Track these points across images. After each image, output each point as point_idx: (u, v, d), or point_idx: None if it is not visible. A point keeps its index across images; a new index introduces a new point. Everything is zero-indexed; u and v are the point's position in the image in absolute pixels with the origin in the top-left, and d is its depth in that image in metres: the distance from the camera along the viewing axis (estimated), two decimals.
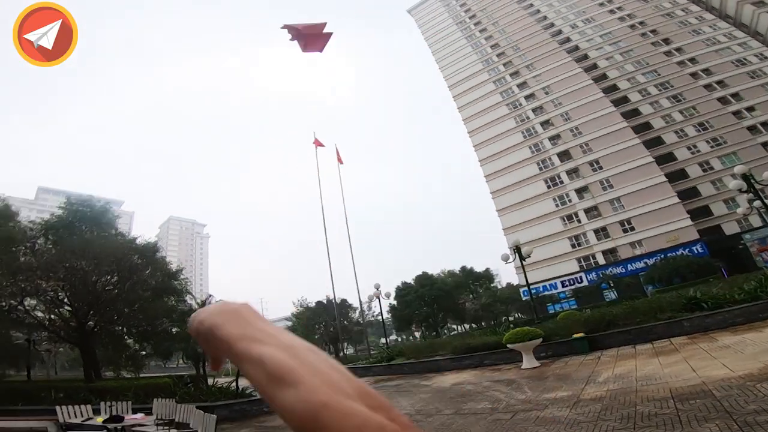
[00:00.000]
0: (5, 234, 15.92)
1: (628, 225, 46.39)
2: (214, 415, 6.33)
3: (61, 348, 22.84)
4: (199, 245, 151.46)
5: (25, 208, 60.72)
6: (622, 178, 47.19)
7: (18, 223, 17.70)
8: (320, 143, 40.11)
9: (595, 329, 14.32)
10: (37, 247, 16.95)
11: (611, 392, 7.28)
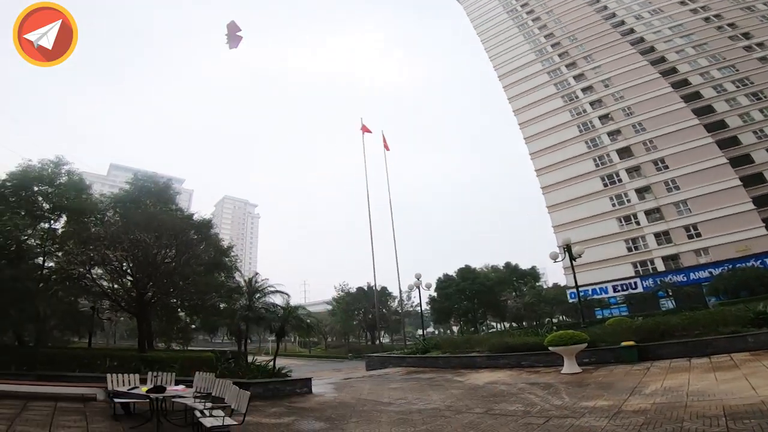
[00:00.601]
0: (78, 205, 17.50)
1: (694, 230, 42.86)
2: (248, 392, 6.56)
3: (121, 317, 24.68)
4: (249, 225, 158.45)
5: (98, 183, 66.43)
6: (691, 179, 43.48)
7: (90, 196, 19.35)
8: (367, 129, 40.29)
9: (647, 338, 13.46)
10: (106, 218, 18.44)
11: (657, 405, 6.84)
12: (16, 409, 7.87)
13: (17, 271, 12.83)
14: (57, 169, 17.95)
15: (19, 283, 11.74)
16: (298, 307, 15.32)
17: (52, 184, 17.56)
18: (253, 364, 13.18)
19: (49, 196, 17.41)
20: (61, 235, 17.39)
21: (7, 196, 16.34)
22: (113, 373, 8.90)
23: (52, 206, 17.56)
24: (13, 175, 17.11)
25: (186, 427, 7.03)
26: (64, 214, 17.86)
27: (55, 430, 6.53)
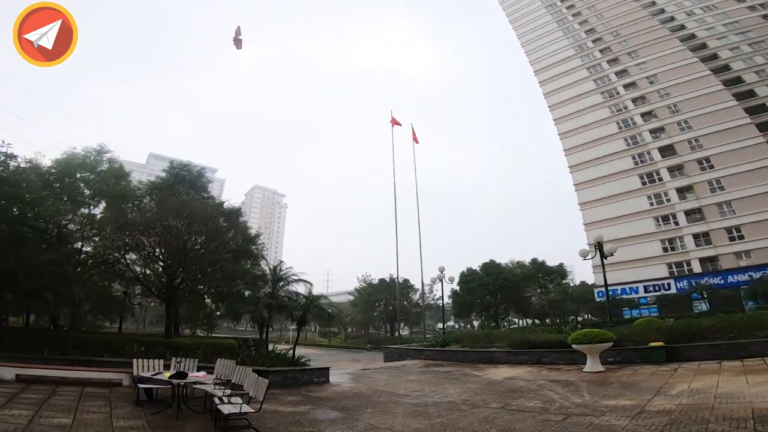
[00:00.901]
0: (118, 192, 18.26)
1: (736, 232, 40.98)
2: (266, 380, 6.67)
3: (151, 303, 25.52)
4: (277, 214, 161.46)
5: (137, 172, 69.25)
6: (737, 180, 41.34)
7: (129, 183, 20.17)
8: (397, 122, 40.21)
9: (677, 339, 12.97)
10: (143, 205, 19.16)
11: (683, 407, 6.61)
12: (45, 394, 8.26)
13: (57, 255, 13.45)
14: (99, 156, 18.77)
15: (57, 267, 12.27)
16: (320, 296, 15.47)
17: (94, 171, 18.38)
18: (273, 352, 13.37)
19: (90, 182, 18.22)
20: (100, 220, 18.20)
21: (52, 182, 17.20)
22: (139, 359, 9.13)
23: (92, 192, 18.39)
24: (58, 163, 18.00)
25: (205, 414, 7.24)
26: (104, 200, 18.67)
27: (80, 415, 6.81)
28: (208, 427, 6.59)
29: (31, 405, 7.18)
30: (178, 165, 23.13)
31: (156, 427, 6.40)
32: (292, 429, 6.67)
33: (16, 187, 12.49)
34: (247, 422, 6.59)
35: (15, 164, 13.00)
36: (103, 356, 11.61)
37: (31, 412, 6.62)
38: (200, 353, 12.18)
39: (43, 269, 11.85)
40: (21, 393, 8.16)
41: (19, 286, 11.55)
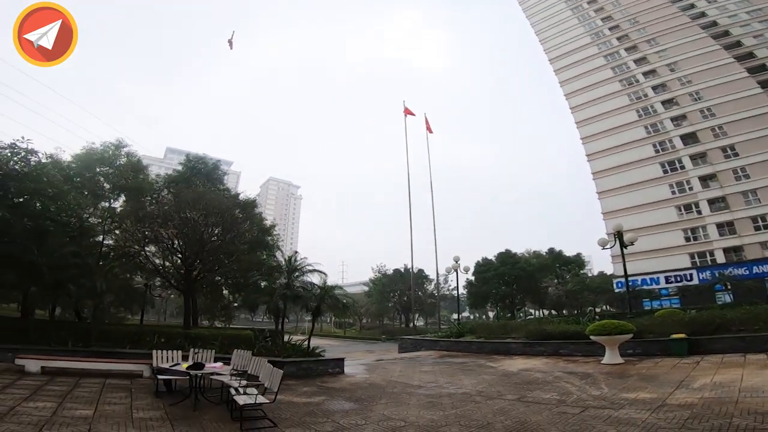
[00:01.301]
0: (136, 185, 18.63)
1: (762, 222, 39.81)
2: (280, 371, 6.71)
3: (172, 295, 26.02)
4: (292, 205, 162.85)
5: (155, 166, 70.74)
6: (763, 168, 40.08)
7: (147, 176, 20.54)
8: (410, 112, 39.93)
9: (700, 332, 12.60)
10: (161, 198, 19.50)
11: (705, 400, 6.42)
12: (69, 386, 8.49)
13: (78, 247, 13.78)
14: (117, 151, 19.16)
15: (79, 259, 12.58)
16: (334, 286, 15.52)
17: (113, 165, 18.79)
18: (288, 342, 13.41)
19: (109, 176, 18.65)
20: (120, 213, 18.61)
21: (72, 176, 17.63)
22: (158, 350, 9.31)
23: (112, 186, 18.82)
24: (78, 158, 18.42)
25: (222, 404, 7.36)
26: (123, 193, 19.08)
27: (101, 406, 6.97)
28: (225, 417, 6.68)
29: (55, 397, 7.39)
30: (194, 158, 23.48)
31: (174, 418, 6.51)
32: (306, 419, 6.71)
33: (38, 182, 12.79)
34: (262, 413, 6.66)
35: (35, 159, 13.29)
36: (124, 348, 11.90)
37: (54, 404, 6.81)
38: (218, 344, 12.38)
39: (65, 262, 12.15)
40: (46, 385, 8.41)
41: (43, 278, 11.88)
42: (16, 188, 12.39)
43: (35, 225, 12.50)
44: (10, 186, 12.11)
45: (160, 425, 6.13)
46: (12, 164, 12.59)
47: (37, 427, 5.47)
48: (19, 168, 12.65)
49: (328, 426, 6.30)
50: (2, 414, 5.96)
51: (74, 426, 5.71)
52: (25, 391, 7.62)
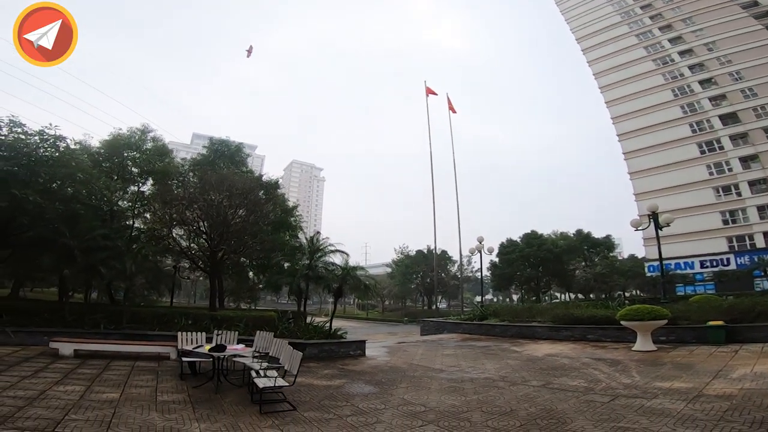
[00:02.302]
0: (163, 169, 19.02)
1: None
2: (299, 353, 6.69)
3: (200, 277, 26.66)
4: (315, 187, 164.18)
5: (183, 151, 72.48)
6: None
7: (172, 160, 20.93)
8: (432, 91, 39.11)
9: (739, 319, 11.95)
10: (186, 181, 19.86)
11: (745, 391, 6.04)
12: (99, 369, 8.75)
13: (109, 230, 14.15)
14: (143, 136, 19.57)
15: (109, 242, 12.90)
16: (356, 267, 15.32)
17: (139, 150, 19.23)
18: (310, 324, 13.50)
19: (137, 161, 19.09)
20: (148, 197, 19.08)
21: (101, 162, 18.15)
22: (184, 332, 9.44)
23: (139, 170, 19.30)
24: (106, 143, 18.89)
25: (244, 386, 7.41)
26: (150, 177, 19.54)
27: (128, 390, 7.13)
28: (245, 400, 6.73)
29: (85, 380, 7.61)
30: (217, 141, 23.78)
31: (196, 401, 6.61)
32: (325, 403, 6.69)
33: (68, 167, 13.12)
34: (282, 396, 6.69)
35: (64, 145, 13.60)
36: (154, 329, 12.20)
37: (83, 388, 7.00)
38: (242, 325, 12.58)
39: (96, 245, 12.49)
40: (77, 368, 8.70)
41: (75, 261, 12.26)
42: (47, 173, 12.74)
43: (66, 209, 12.86)
44: (40, 171, 12.44)
45: (182, 408, 6.21)
46: (42, 150, 12.92)
47: (63, 411, 5.59)
48: (49, 154, 12.97)
49: (346, 410, 6.26)
50: (32, 398, 6.14)
51: (99, 410, 5.83)
52: (58, 375, 7.89)
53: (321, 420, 5.73)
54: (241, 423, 5.58)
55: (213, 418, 5.77)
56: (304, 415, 5.99)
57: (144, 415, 5.74)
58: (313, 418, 5.80)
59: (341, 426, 5.45)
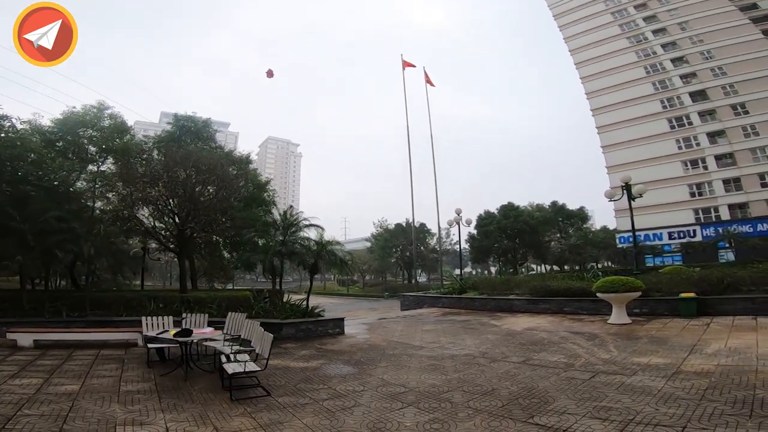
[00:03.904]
0: (123, 146, 18.00)
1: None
2: (270, 335, 6.33)
3: (174, 258, 25.73)
4: (292, 163, 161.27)
5: (151, 131, 69.40)
6: None
7: (133, 137, 19.77)
8: (410, 64, 38.15)
9: (708, 291, 12.23)
10: (151, 158, 18.87)
11: (722, 368, 6.06)
12: (60, 359, 8.21)
13: (65, 212, 13.21)
14: (100, 113, 18.49)
15: (64, 224, 11.99)
16: (332, 241, 14.86)
17: (96, 128, 18.10)
18: (287, 303, 13.05)
19: (94, 139, 18.01)
20: (109, 176, 18.06)
21: (54, 141, 17.05)
22: (148, 317, 8.89)
23: (98, 149, 18.22)
24: (58, 122, 17.77)
25: (215, 372, 7.04)
26: (110, 155, 18.48)
27: (89, 381, 6.68)
28: (216, 386, 6.38)
29: (43, 372, 7.13)
30: (182, 117, 22.67)
31: (163, 390, 6.22)
32: (301, 386, 6.42)
33: (14, 148, 12.05)
34: (256, 380, 6.37)
35: (9, 125, 12.46)
36: (121, 315, 11.56)
37: (41, 381, 6.54)
38: (215, 307, 12.04)
39: (50, 227, 11.60)
40: (36, 360, 8.15)
41: (29, 246, 11.38)
42: None
43: (15, 191, 11.88)
44: None
45: (147, 398, 5.82)
46: None
47: (17, 407, 5.17)
48: None
49: (323, 393, 6.00)
50: None
51: (56, 403, 5.44)
52: (14, 368, 7.35)
53: (296, 405, 5.46)
54: (210, 412, 5.25)
55: (180, 408, 5.41)
56: (279, 400, 5.70)
57: (104, 408, 5.35)
58: (288, 404, 5.52)
59: (317, 411, 5.20)
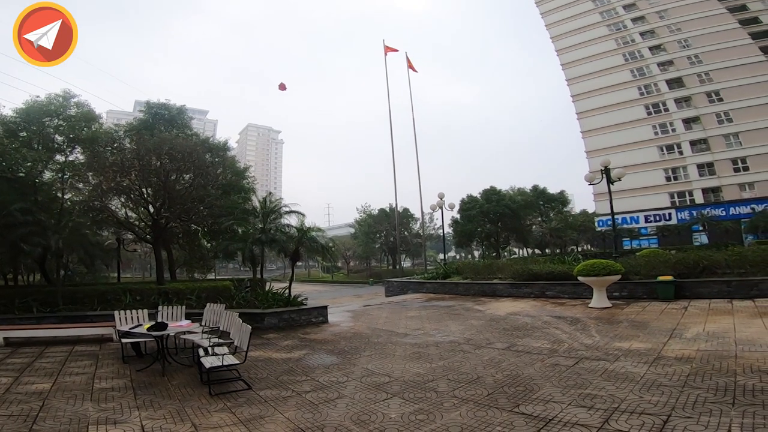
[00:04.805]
0: (91, 135, 17.21)
1: (741, 164, 41.71)
2: (249, 326, 6.00)
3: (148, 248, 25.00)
4: (274, 150, 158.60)
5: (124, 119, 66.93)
6: (746, 113, 41.47)
7: (101, 126, 18.95)
8: (392, 48, 37.64)
9: (685, 274, 12.49)
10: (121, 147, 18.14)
11: (702, 353, 6.13)
12: (32, 357, 7.88)
13: (31, 204, 12.56)
14: (65, 102, 17.66)
15: (30, 216, 11.38)
16: (313, 228, 14.54)
17: (61, 117, 17.30)
18: (269, 292, 12.78)
19: (60, 128, 17.20)
20: (78, 166, 17.32)
21: (17, 131, 16.24)
22: (121, 311, 8.54)
23: (65, 138, 17.42)
24: (21, 112, 16.83)
25: (194, 366, 6.81)
26: (78, 145, 17.73)
27: (62, 378, 6.41)
28: (195, 381, 6.18)
29: (13, 371, 6.84)
30: (155, 104, 21.87)
31: (139, 386, 5.99)
32: (284, 378, 6.27)
33: None
34: (236, 373, 6.19)
35: None
36: (95, 309, 11.14)
37: (10, 380, 6.26)
38: (194, 298, 11.72)
39: (15, 220, 10.98)
40: (6, 358, 7.81)
41: None
42: None
43: None
44: None
45: (122, 395, 5.59)
46: None
47: None
48: None
49: (306, 385, 5.86)
50: None
51: (26, 403, 5.20)
52: None
53: (278, 399, 5.31)
54: (188, 408, 5.05)
55: (156, 405, 5.21)
56: (260, 394, 5.55)
57: (76, 407, 5.13)
58: (270, 397, 5.37)
59: (300, 404, 5.06)
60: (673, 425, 3.74)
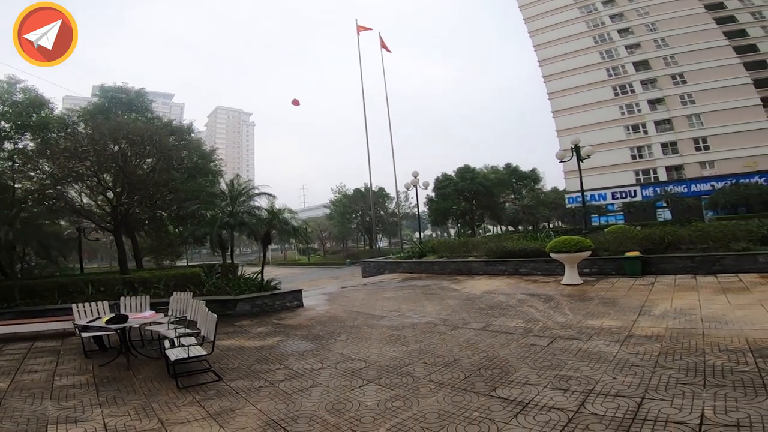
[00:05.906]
0: (40, 121, 16.06)
1: (702, 143, 43.82)
2: (215, 315, 5.79)
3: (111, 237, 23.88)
4: (245, 133, 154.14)
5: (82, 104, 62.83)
6: (708, 95, 43.50)
7: (51, 111, 17.68)
8: (365, 28, 36.63)
9: (651, 249, 12.90)
10: (76, 132, 16.99)
11: (671, 331, 6.29)
12: None
13: None
14: (10, 87, 16.32)
15: None
16: (283, 209, 14.10)
17: (6, 103, 16.02)
18: (241, 277, 12.41)
19: (7, 115, 15.96)
20: (28, 153, 16.18)
21: None
22: (78, 304, 8.04)
23: (12, 125, 16.20)
24: None
25: (160, 359, 6.47)
26: (28, 131, 16.54)
27: (20, 376, 6.03)
28: (162, 374, 5.89)
29: None
30: (111, 88, 20.54)
31: (102, 382, 5.67)
32: (256, 368, 6.07)
33: None
34: (206, 364, 5.95)
35: None
36: (56, 303, 10.54)
37: None
38: (161, 287, 11.23)
39: None
40: None
41: None
42: None
43: None
44: None
45: (84, 392, 5.27)
46: None
47: None
48: None
49: (280, 374, 5.70)
50: None
51: None
52: None
53: (250, 389, 5.14)
54: (154, 403, 4.81)
55: (120, 401, 4.94)
56: (231, 385, 5.35)
57: (35, 406, 4.83)
58: (241, 388, 5.19)
59: (273, 394, 4.90)
60: (648, 408, 3.75)
